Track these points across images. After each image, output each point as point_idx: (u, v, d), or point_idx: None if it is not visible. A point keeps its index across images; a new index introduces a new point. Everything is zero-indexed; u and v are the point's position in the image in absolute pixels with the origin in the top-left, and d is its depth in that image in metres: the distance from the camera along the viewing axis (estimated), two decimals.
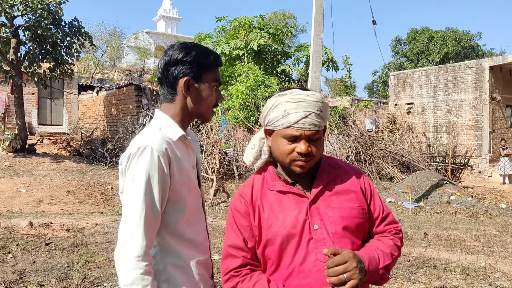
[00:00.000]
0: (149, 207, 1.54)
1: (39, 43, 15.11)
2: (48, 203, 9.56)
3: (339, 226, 1.57)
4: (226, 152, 13.77)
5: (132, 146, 1.61)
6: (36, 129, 20.97)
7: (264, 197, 1.65)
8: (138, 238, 1.51)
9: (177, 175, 1.62)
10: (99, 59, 33.85)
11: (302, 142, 1.56)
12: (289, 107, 1.56)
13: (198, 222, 1.74)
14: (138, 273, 1.48)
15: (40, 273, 4.67)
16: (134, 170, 1.56)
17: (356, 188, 1.67)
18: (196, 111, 1.72)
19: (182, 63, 1.66)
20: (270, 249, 1.60)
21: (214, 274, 1.88)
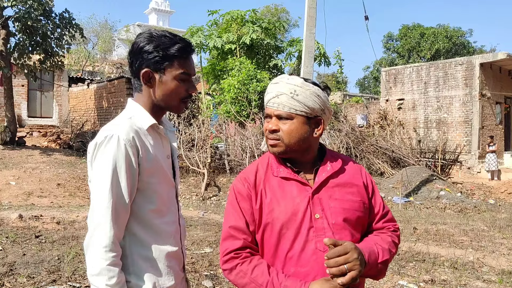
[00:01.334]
0: (116, 196, 1.50)
1: (29, 34, 14.96)
2: (38, 196, 9.50)
3: (340, 217, 1.59)
4: (217, 147, 13.76)
5: (99, 135, 1.57)
6: (26, 122, 20.78)
7: (268, 182, 1.66)
8: (105, 228, 1.48)
9: (145, 165, 1.57)
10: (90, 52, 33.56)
11: (271, 120, 1.63)
12: (268, 88, 1.66)
13: (170, 213, 1.68)
14: (104, 264, 1.46)
15: (30, 265, 4.65)
16: (100, 159, 1.52)
17: (359, 182, 1.69)
18: (162, 103, 1.66)
19: (143, 54, 1.60)
20: (269, 234, 1.61)
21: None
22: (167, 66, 1.61)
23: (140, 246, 1.58)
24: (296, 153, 1.65)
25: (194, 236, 6.55)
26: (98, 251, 1.47)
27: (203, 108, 16.29)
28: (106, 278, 1.46)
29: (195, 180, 11.92)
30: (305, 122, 1.62)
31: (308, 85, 1.62)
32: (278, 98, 1.61)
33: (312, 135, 1.64)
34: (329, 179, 1.64)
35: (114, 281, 1.47)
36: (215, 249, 5.82)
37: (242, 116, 13.75)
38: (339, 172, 1.67)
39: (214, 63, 17.10)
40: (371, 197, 1.71)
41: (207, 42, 16.11)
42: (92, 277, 1.48)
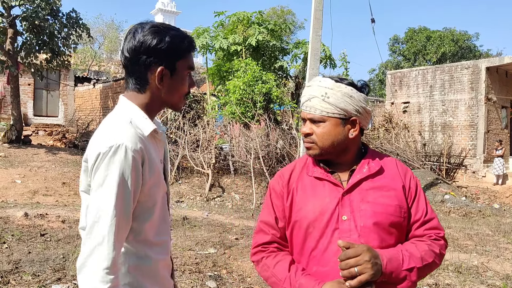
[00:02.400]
0: (121, 213, 1.38)
1: (36, 33, 15.03)
2: (43, 195, 9.55)
3: (369, 220, 1.56)
4: (222, 147, 13.77)
5: (101, 143, 1.41)
6: (32, 120, 20.88)
7: (301, 181, 1.68)
8: (108, 249, 1.34)
9: (147, 176, 1.46)
10: (96, 51, 33.70)
11: (306, 123, 1.65)
12: (303, 92, 1.67)
13: (164, 222, 1.60)
14: (105, 287, 1.33)
15: (35, 263, 4.68)
16: (105, 171, 1.38)
17: (398, 186, 1.63)
18: (167, 101, 1.56)
19: (155, 51, 1.46)
20: (297, 232, 1.64)
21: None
22: (179, 63, 1.52)
23: (136, 258, 1.50)
24: (332, 154, 1.64)
25: (198, 236, 6.56)
26: (97, 274, 1.33)
27: (208, 109, 16.30)
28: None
29: (199, 180, 11.94)
30: (338, 124, 1.61)
31: (340, 86, 1.59)
32: (310, 101, 1.61)
33: (347, 137, 1.62)
34: (363, 181, 1.61)
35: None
36: (219, 250, 5.84)
37: (247, 117, 13.75)
38: (377, 175, 1.63)
39: (219, 64, 17.11)
40: (412, 203, 1.64)
41: (213, 43, 16.12)
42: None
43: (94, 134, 1.51)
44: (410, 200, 1.64)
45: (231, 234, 6.94)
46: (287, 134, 13.47)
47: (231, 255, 5.67)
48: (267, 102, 14.33)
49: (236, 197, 11.11)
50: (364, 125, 1.66)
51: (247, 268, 5.16)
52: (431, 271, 1.62)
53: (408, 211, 1.63)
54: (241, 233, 7.06)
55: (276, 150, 12.68)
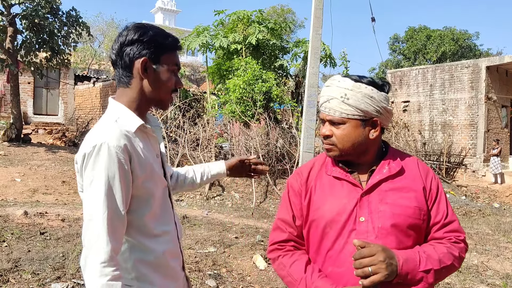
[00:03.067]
0: (111, 209, 1.42)
1: (36, 32, 15.01)
2: (43, 193, 9.54)
3: (388, 222, 1.53)
4: (222, 146, 13.77)
5: (86, 144, 1.47)
6: (32, 119, 20.87)
7: (319, 180, 1.66)
8: (102, 244, 1.40)
9: (138, 171, 1.50)
10: (96, 50, 33.68)
11: (325, 125, 1.62)
12: (322, 91, 1.64)
13: (166, 213, 1.64)
14: (105, 280, 1.38)
15: (35, 262, 4.67)
16: (91, 171, 1.43)
17: (418, 187, 1.61)
18: (154, 96, 1.59)
19: (139, 43, 1.53)
20: (314, 231, 1.63)
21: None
22: (163, 57, 1.57)
23: (140, 251, 1.54)
24: (352, 156, 1.62)
25: (198, 235, 6.56)
26: (96, 269, 1.39)
27: (208, 107, 16.30)
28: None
29: None
30: (359, 125, 1.58)
31: (360, 87, 1.56)
32: (329, 102, 1.58)
33: (368, 138, 1.60)
34: (383, 182, 1.59)
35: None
36: (219, 249, 5.83)
37: (247, 116, 13.74)
38: (397, 175, 1.61)
39: (219, 63, 17.10)
40: (432, 204, 1.62)
41: (213, 42, 16.11)
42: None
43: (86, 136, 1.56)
44: (430, 202, 1.62)
45: (231, 233, 6.94)
46: (287, 133, 13.47)
47: (231, 254, 5.67)
48: (267, 101, 14.32)
49: (236, 196, 11.11)
50: (385, 124, 1.64)
51: (247, 267, 5.16)
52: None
53: (428, 213, 1.60)
54: (241, 232, 7.06)
55: (276, 149, 12.67)
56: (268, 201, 10.94)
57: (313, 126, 9.58)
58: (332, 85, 1.60)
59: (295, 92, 16.45)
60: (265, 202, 10.83)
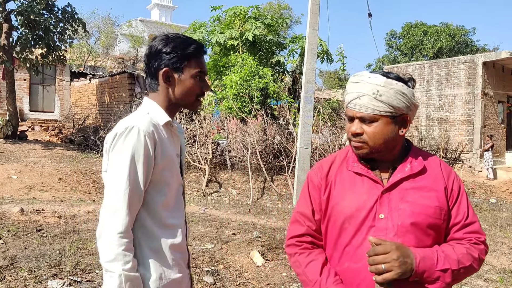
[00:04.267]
0: (133, 185, 1.56)
1: (31, 28, 14.93)
2: (40, 190, 9.51)
3: (407, 220, 1.52)
4: (219, 143, 13.75)
5: (119, 126, 1.63)
6: (28, 116, 20.78)
7: (340, 175, 1.65)
8: (122, 215, 1.53)
9: (160, 158, 1.64)
10: (92, 46, 33.54)
11: (354, 122, 1.58)
12: (348, 88, 1.61)
13: (177, 208, 1.74)
14: (120, 249, 1.50)
15: (31, 259, 4.65)
16: (120, 148, 1.58)
17: (440, 187, 1.59)
18: (179, 101, 1.75)
19: (161, 55, 1.69)
20: (332, 226, 1.62)
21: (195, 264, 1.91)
22: (185, 65, 1.71)
23: (149, 238, 1.63)
24: (381, 153, 1.60)
25: (195, 231, 6.55)
26: (113, 237, 1.51)
27: (205, 104, 16.27)
28: (122, 263, 1.50)
29: (196, 176, 11.93)
30: (390, 122, 1.56)
31: (392, 83, 1.53)
32: (360, 99, 1.54)
33: (398, 134, 1.58)
34: (404, 180, 1.57)
35: (130, 265, 1.51)
36: (216, 245, 5.83)
37: (244, 113, 13.73)
38: (419, 174, 1.59)
39: (216, 59, 17.06)
40: (453, 205, 1.60)
41: (210, 38, 16.07)
42: (107, 263, 1.51)
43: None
44: (451, 203, 1.60)
45: (228, 229, 6.93)
46: (284, 129, 13.46)
47: (228, 250, 5.66)
48: (264, 97, 14.30)
49: (233, 192, 11.10)
50: (412, 120, 1.64)
51: (244, 263, 5.16)
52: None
53: (449, 213, 1.59)
54: (238, 228, 7.05)
55: (273, 145, 12.67)
56: (265, 197, 10.94)
57: (310, 122, 9.56)
58: (361, 82, 1.56)
59: (292, 88, 16.44)
60: (262, 198, 10.83)
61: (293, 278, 4.78)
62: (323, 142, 13.67)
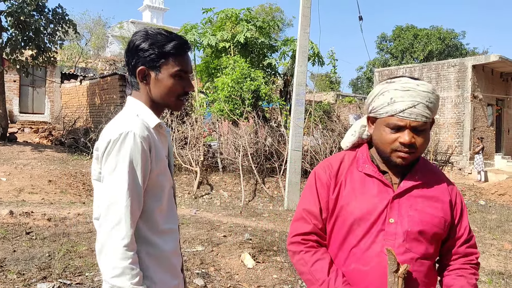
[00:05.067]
0: (133, 194, 1.48)
1: (21, 29, 14.82)
2: (29, 192, 9.43)
3: (416, 227, 1.55)
4: (210, 145, 13.73)
5: (111, 131, 1.53)
6: (17, 117, 20.61)
7: (350, 175, 1.63)
8: (126, 226, 1.45)
9: (154, 164, 1.56)
10: (82, 48, 33.37)
11: (406, 132, 1.51)
12: (396, 95, 1.52)
13: (171, 212, 1.68)
14: (127, 263, 1.43)
15: (20, 262, 4.62)
16: (116, 156, 1.48)
17: (445, 199, 1.63)
18: (159, 101, 1.65)
19: (138, 52, 1.59)
20: (339, 226, 1.61)
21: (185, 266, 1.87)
22: (162, 63, 1.60)
23: (147, 245, 1.56)
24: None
25: (186, 234, 6.53)
26: (118, 251, 1.43)
27: (196, 106, 16.25)
28: (129, 276, 1.43)
29: (188, 178, 11.90)
30: (430, 127, 1.59)
31: (435, 90, 1.56)
32: (416, 108, 1.49)
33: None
34: (415, 187, 1.59)
35: (138, 279, 1.44)
36: (207, 247, 5.82)
37: (236, 115, 13.73)
38: (428, 184, 1.61)
39: (208, 61, 17.05)
40: (457, 219, 1.66)
41: (201, 40, 16.06)
42: (113, 278, 1.42)
43: (104, 128, 1.63)
44: (456, 216, 1.65)
45: (219, 231, 6.92)
46: (275, 131, 13.48)
47: (219, 252, 5.65)
48: (256, 100, 14.32)
49: (224, 195, 11.09)
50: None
51: (235, 266, 5.15)
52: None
53: (451, 226, 1.64)
54: (229, 230, 7.04)
55: (265, 147, 12.68)
56: (256, 199, 10.95)
57: (301, 124, 9.59)
58: (412, 90, 1.51)
59: (284, 91, 16.48)
60: (253, 201, 10.83)
61: (284, 280, 4.79)
62: (314, 145, 13.71)
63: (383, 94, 1.55)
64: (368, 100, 1.63)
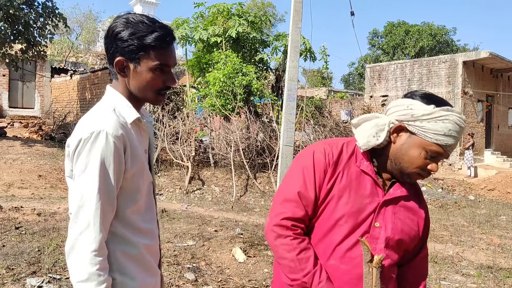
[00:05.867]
0: (104, 197, 1.41)
1: (11, 23, 14.64)
2: (19, 187, 9.37)
3: (396, 235, 1.58)
4: (202, 140, 13.70)
5: (83, 129, 1.44)
6: (7, 112, 20.40)
7: (348, 168, 1.60)
8: (95, 231, 1.38)
9: (130, 164, 1.48)
10: (73, 42, 33.09)
11: (438, 162, 1.55)
12: (453, 129, 1.49)
13: (149, 210, 1.61)
14: (94, 269, 1.37)
15: (9, 256, 4.59)
16: (86, 157, 1.40)
17: (421, 215, 1.67)
18: (137, 94, 1.54)
19: (117, 41, 1.47)
20: (325, 218, 1.58)
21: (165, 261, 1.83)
22: (142, 56, 1.48)
23: (122, 243, 1.51)
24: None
25: (177, 229, 6.53)
26: (86, 256, 1.37)
27: (188, 101, 16.18)
28: (95, 283, 1.37)
29: (179, 173, 11.87)
30: None
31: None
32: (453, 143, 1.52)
33: None
34: (401, 198, 1.61)
35: (104, 286, 1.39)
36: (198, 242, 5.82)
37: (227, 110, 13.69)
38: (410, 197, 1.64)
39: (199, 56, 16.96)
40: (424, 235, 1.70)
41: (193, 35, 15.96)
42: (78, 283, 1.37)
43: (78, 122, 1.52)
44: (425, 232, 1.70)
45: (210, 226, 6.92)
46: (267, 126, 13.48)
47: (210, 247, 5.66)
48: (248, 95, 14.29)
49: (216, 190, 11.09)
50: None
51: (226, 260, 5.16)
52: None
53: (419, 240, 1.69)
54: (221, 225, 7.05)
55: (257, 142, 12.68)
56: (248, 194, 10.95)
57: (292, 119, 9.59)
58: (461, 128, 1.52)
59: (275, 86, 16.45)
60: (245, 196, 10.84)
61: None
62: (306, 140, 13.74)
63: (443, 121, 1.48)
64: (417, 113, 1.51)
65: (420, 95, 1.55)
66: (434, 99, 1.54)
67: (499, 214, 10.04)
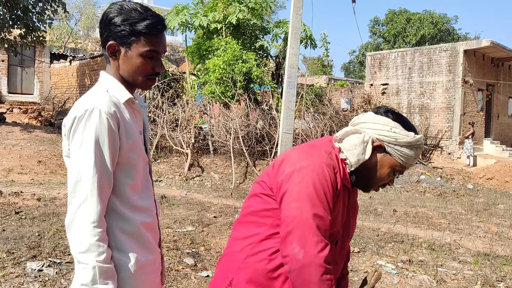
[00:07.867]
0: (101, 171, 1.47)
1: (9, 8, 14.53)
2: (19, 173, 9.39)
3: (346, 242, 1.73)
4: (201, 127, 13.70)
5: (78, 108, 1.51)
6: (6, 98, 20.35)
7: (341, 186, 1.57)
8: (93, 203, 1.44)
9: (124, 140, 1.54)
10: (72, 28, 32.89)
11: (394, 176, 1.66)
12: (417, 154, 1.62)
13: (146, 188, 1.66)
14: (93, 240, 1.41)
15: (10, 241, 4.61)
16: (81, 133, 1.47)
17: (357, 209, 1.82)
18: (127, 78, 1.61)
19: (110, 26, 1.56)
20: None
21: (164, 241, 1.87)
22: (133, 41, 1.56)
23: (120, 221, 1.55)
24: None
25: (176, 214, 6.56)
26: (85, 227, 1.42)
27: (188, 88, 16.14)
28: (95, 254, 1.42)
29: (179, 160, 11.89)
30: None
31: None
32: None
33: None
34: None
35: (104, 256, 1.43)
36: (197, 228, 5.85)
37: (227, 97, 13.66)
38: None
39: (199, 43, 16.88)
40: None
41: (193, 21, 15.87)
42: (79, 254, 1.42)
43: (74, 104, 1.59)
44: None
45: (209, 212, 6.96)
46: (267, 114, 13.47)
47: (209, 232, 5.69)
48: (247, 82, 14.25)
49: (215, 177, 11.12)
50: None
51: (225, 245, 5.19)
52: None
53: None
54: (220, 211, 7.08)
55: (256, 130, 12.68)
56: (247, 181, 10.98)
57: (292, 107, 9.59)
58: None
59: (276, 73, 16.40)
60: (244, 183, 10.87)
61: None
62: (305, 128, 13.73)
63: (417, 148, 1.59)
64: (399, 137, 1.56)
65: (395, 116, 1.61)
66: (409, 124, 1.61)
67: (497, 202, 10.09)
